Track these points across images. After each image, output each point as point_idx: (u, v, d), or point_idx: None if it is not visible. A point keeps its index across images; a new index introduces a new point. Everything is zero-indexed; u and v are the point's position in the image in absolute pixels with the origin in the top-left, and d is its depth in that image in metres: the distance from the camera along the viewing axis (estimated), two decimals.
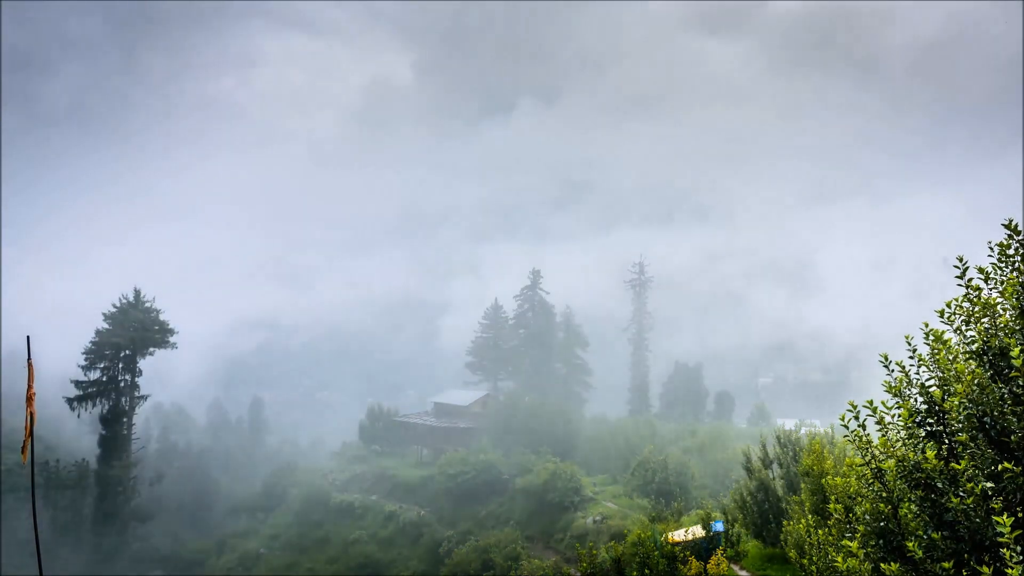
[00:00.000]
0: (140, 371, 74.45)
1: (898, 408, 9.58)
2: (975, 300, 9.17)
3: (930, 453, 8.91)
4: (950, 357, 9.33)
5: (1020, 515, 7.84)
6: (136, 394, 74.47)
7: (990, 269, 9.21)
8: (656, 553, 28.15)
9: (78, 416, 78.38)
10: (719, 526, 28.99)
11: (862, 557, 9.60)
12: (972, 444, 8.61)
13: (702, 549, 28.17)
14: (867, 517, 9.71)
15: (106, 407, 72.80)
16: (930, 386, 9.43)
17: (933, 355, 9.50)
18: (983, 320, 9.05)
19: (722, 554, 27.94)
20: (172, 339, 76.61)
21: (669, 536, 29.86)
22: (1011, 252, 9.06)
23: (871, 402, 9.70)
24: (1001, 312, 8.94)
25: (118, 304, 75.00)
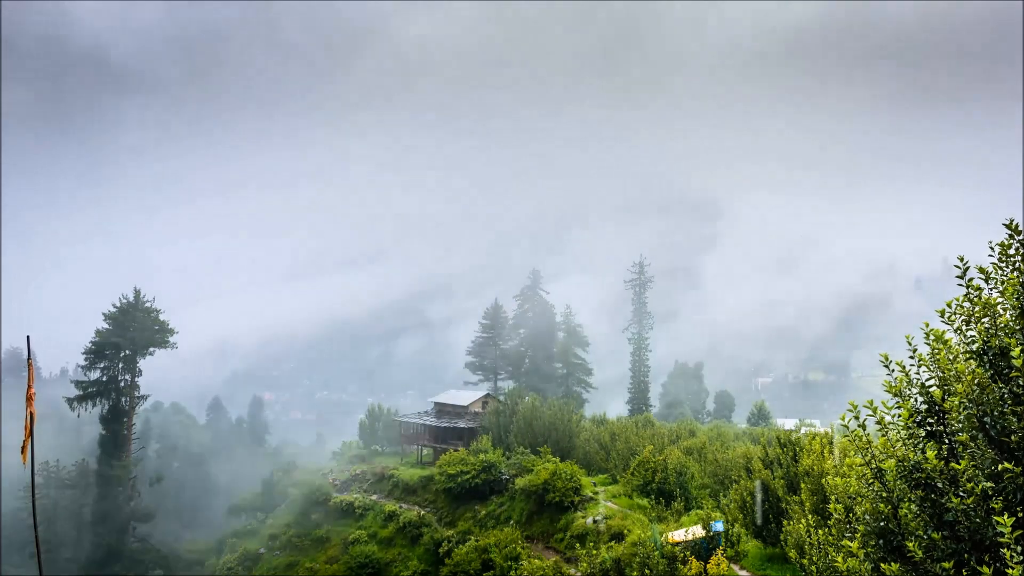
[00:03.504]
0: (140, 371, 74.37)
1: (898, 408, 9.58)
2: (975, 300, 9.16)
3: (930, 453, 8.91)
4: (950, 357, 9.32)
5: (1020, 515, 7.84)
6: (136, 394, 74.38)
7: (990, 269, 9.20)
8: (656, 553, 28.15)
9: (78, 416, 78.30)
10: (719, 526, 28.95)
11: (862, 557, 9.59)
12: (972, 444, 8.60)
13: (702, 549, 28.14)
14: (867, 517, 9.71)
15: (106, 407, 72.68)
16: (930, 386, 9.42)
17: (933, 355, 9.49)
18: (983, 320, 9.04)
19: (722, 554, 27.93)
20: (172, 339, 76.55)
21: (669, 536, 29.86)
22: (1011, 252, 9.05)
23: (871, 402, 9.70)
24: (1001, 312, 8.93)
25: (118, 304, 74.94)
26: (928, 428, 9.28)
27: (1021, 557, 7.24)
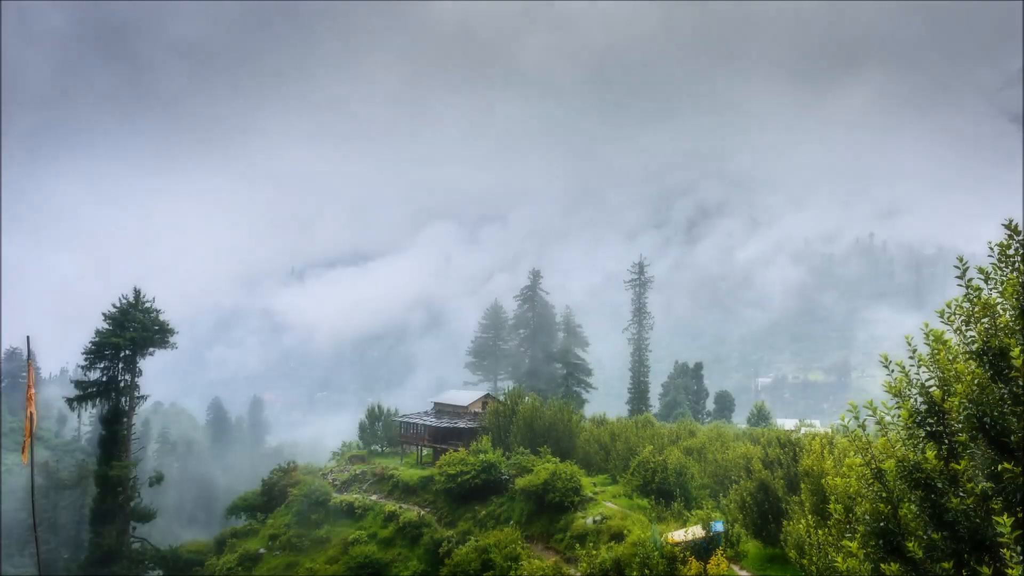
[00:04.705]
0: (140, 371, 74.32)
1: (898, 408, 9.59)
2: (975, 300, 9.16)
3: (930, 453, 8.92)
4: (950, 357, 9.33)
5: (1020, 515, 7.85)
6: (136, 394, 74.31)
7: (990, 269, 9.20)
8: (656, 553, 28.15)
9: (78, 416, 78.28)
10: (719, 526, 28.94)
11: (862, 557, 9.60)
12: (972, 444, 8.61)
13: (702, 549, 28.13)
14: (867, 517, 9.71)
15: (106, 407, 72.65)
16: (930, 386, 9.43)
17: (933, 355, 9.49)
18: (983, 320, 9.04)
19: (722, 554, 27.94)
20: (172, 339, 76.53)
21: (669, 536, 29.85)
22: (1011, 252, 9.05)
23: (871, 402, 9.71)
24: (1001, 312, 8.93)
25: (118, 304, 74.94)
26: (928, 428, 9.30)
27: (1021, 557, 7.25)
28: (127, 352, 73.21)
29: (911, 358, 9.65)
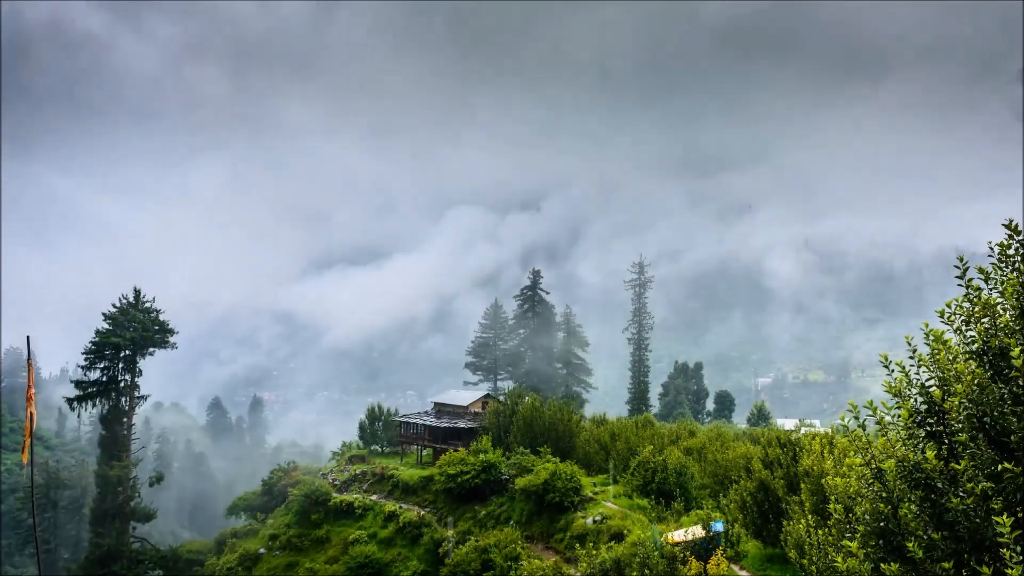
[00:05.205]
0: (140, 371, 74.30)
1: (898, 408, 9.59)
2: (975, 300, 9.16)
3: (930, 453, 8.91)
4: (950, 357, 9.32)
5: (1020, 515, 7.85)
6: (136, 394, 74.30)
7: (990, 269, 9.19)
8: (656, 553, 28.12)
9: (78, 416, 78.24)
10: (719, 526, 28.92)
11: (862, 557, 9.59)
12: (972, 444, 8.60)
13: (702, 549, 28.12)
14: (867, 517, 9.70)
15: (106, 407, 72.63)
16: (930, 386, 9.42)
17: (933, 355, 9.49)
18: (983, 320, 9.04)
19: (722, 554, 27.93)
20: (172, 339, 76.52)
21: (669, 536, 29.83)
22: (1011, 252, 9.04)
23: (871, 402, 9.71)
24: (1001, 312, 8.92)
25: (118, 304, 74.93)
26: (928, 428, 9.29)
27: (1021, 557, 7.25)
28: (127, 352, 73.21)
29: (911, 358, 9.64)
